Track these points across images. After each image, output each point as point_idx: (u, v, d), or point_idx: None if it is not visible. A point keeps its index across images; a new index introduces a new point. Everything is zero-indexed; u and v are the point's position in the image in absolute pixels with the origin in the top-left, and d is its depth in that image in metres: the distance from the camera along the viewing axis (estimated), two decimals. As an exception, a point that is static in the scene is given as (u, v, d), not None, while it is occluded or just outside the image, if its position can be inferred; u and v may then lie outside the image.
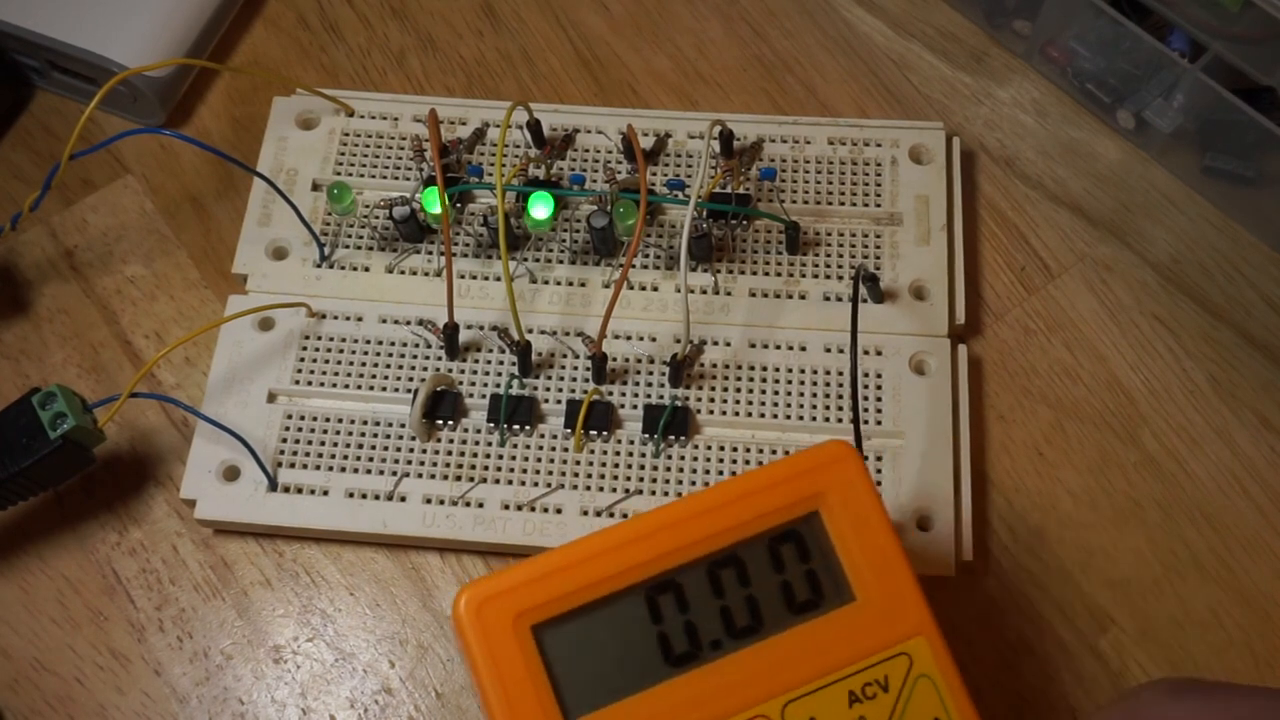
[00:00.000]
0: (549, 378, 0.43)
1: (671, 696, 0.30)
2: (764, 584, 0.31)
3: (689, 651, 0.31)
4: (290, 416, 0.42)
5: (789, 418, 0.42)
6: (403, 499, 0.41)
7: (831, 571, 0.31)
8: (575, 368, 0.43)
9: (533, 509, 0.41)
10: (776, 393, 0.42)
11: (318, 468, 0.42)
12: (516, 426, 0.42)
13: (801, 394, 0.42)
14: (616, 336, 0.43)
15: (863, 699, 0.30)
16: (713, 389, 0.42)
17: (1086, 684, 0.40)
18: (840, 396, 0.42)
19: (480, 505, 0.41)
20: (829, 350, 0.43)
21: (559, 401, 0.42)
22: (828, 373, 0.42)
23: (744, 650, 0.31)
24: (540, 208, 0.43)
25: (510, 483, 0.41)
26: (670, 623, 0.31)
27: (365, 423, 0.42)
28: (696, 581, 0.31)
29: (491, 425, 0.42)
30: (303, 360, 0.43)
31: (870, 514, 0.31)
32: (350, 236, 0.45)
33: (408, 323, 0.44)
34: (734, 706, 0.30)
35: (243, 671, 0.41)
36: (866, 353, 0.43)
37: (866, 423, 0.42)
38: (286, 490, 0.41)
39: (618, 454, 0.42)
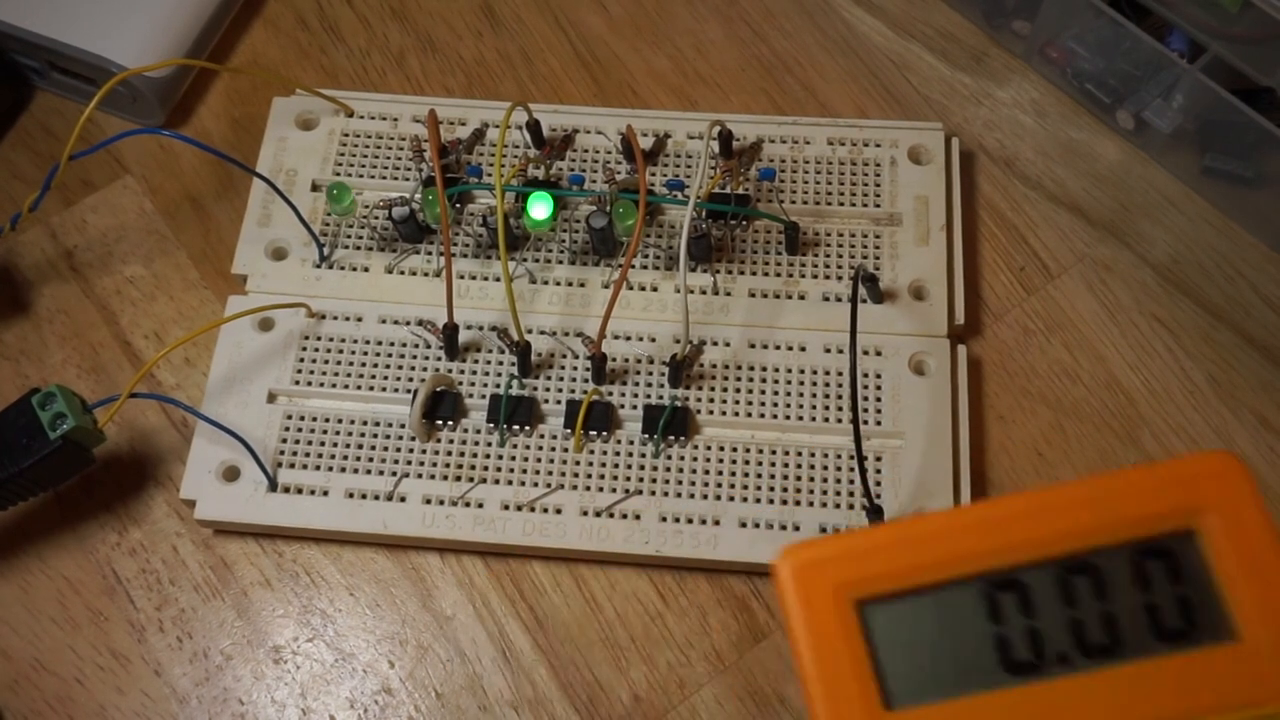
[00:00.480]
0: (549, 378, 0.43)
1: (1007, 707, 0.27)
2: (1124, 600, 0.27)
3: (1031, 661, 0.27)
4: (290, 417, 0.42)
5: (789, 418, 0.42)
6: (402, 499, 0.41)
7: (1208, 601, 0.27)
8: (575, 368, 0.43)
9: (532, 509, 0.41)
10: (776, 393, 0.42)
11: (318, 468, 0.42)
12: (516, 427, 0.42)
13: (801, 394, 0.42)
14: (616, 337, 0.43)
15: None
16: (712, 389, 0.42)
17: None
18: (840, 397, 0.42)
19: (480, 505, 0.41)
20: (828, 350, 0.43)
21: (559, 402, 0.42)
22: (827, 373, 0.43)
23: (1098, 672, 0.27)
24: (539, 207, 0.43)
25: (510, 483, 0.41)
26: (1011, 625, 0.27)
27: (365, 423, 0.42)
28: (1044, 584, 0.27)
29: (491, 426, 0.42)
30: (302, 360, 0.43)
31: (1263, 544, 0.27)
32: (350, 237, 0.45)
33: (407, 323, 0.44)
34: None
35: (242, 672, 0.41)
36: (866, 353, 0.43)
37: (866, 423, 0.42)
38: (286, 490, 0.41)
39: (617, 454, 0.42)
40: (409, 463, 0.42)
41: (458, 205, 0.45)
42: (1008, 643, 0.27)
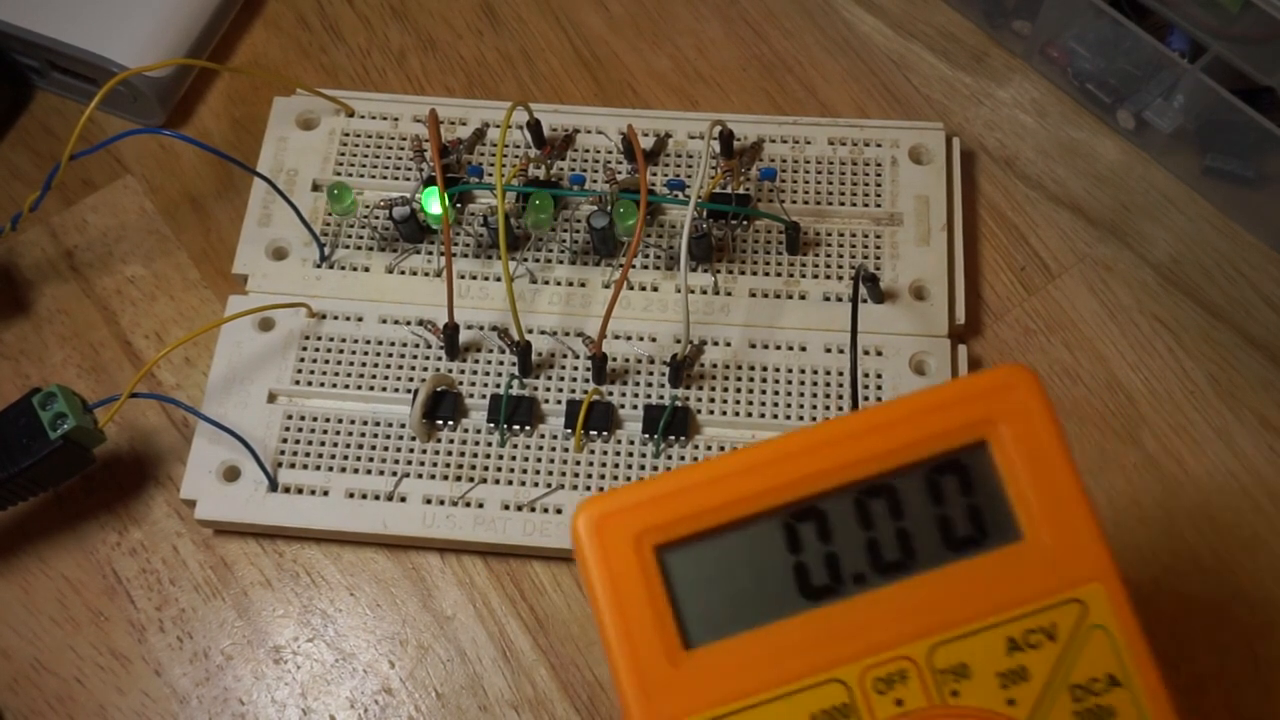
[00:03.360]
0: (549, 378, 0.43)
1: (805, 630, 0.27)
2: (919, 517, 0.28)
3: (828, 585, 0.28)
4: (290, 417, 0.42)
5: (789, 418, 0.42)
6: (403, 499, 0.41)
7: (997, 507, 0.28)
8: (575, 368, 0.43)
9: (533, 509, 0.41)
10: (776, 393, 0.42)
11: (318, 468, 0.42)
12: (516, 427, 0.42)
13: (801, 394, 0.42)
14: (616, 337, 0.43)
15: (1024, 647, 0.27)
16: (713, 389, 0.42)
17: (1086, 684, 0.40)
18: (840, 396, 0.42)
19: (480, 505, 0.41)
20: (829, 350, 0.43)
21: (559, 402, 0.42)
22: (828, 373, 0.43)
23: (891, 586, 0.27)
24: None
25: (510, 483, 0.41)
26: (809, 553, 0.28)
27: (365, 423, 0.42)
28: (842, 510, 0.28)
29: (491, 425, 0.42)
30: (303, 360, 0.43)
31: (1049, 446, 0.28)
32: (350, 237, 0.45)
33: (408, 323, 0.44)
34: (875, 645, 0.27)
35: (243, 672, 0.41)
36: (867, 353, 0.43)
37: (866, 423, 0.42)
38: (287, 490, 0.41)
39: (618, 454, 0.42)
40: (409, 463, 0.42)
41: (458, 205, 0.45)
42: (805, 569, 0.27)
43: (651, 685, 0.27)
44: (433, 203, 0.44)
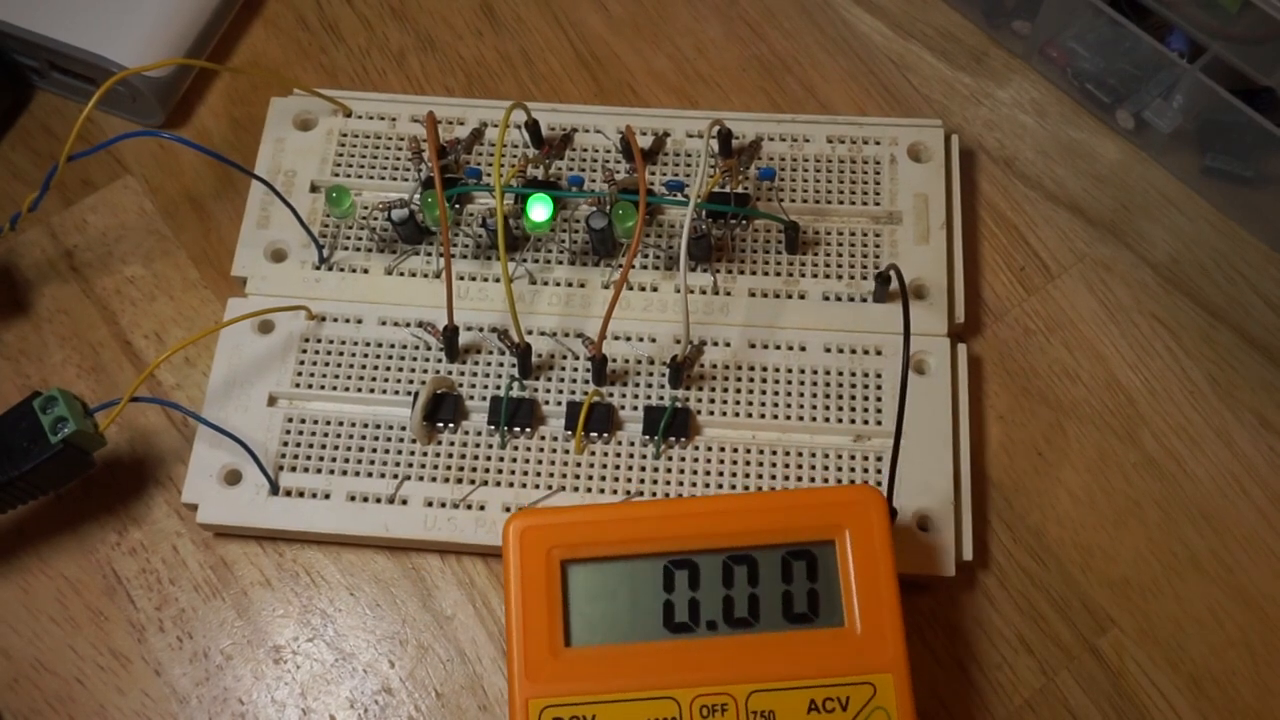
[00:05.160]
0: (549, 379, 0.43)
1: (659, 655, 0.35)
2: (769, 588, 0.35)
3: (687, 623, 0.35)
4: (291, 420, 0.42)
5: (789, 418, 0.42)
6: (404, 502, 0.41)
7: (831, 595, 0.35)
8: (575, 369, 0.43)
9: (533, 510, 0.41)
10: (776, 393, 0.42)
11: (319, 471, 0.42)
12: (517, 429, 0.42)
13: (801, 394, 0.42)
14: (616, 338, 0.43)
15: (820, 710, 0.34)
16: (713, 390, 0.42)
17: (1086, 684, 0.40)
18: (840, 397, 0.42)
19: (481, 508, 0.41)
20: (829, 350, 0.43)
21: (559, 403, 0.42)
22: (827, 373, 0.43)
23: (734, 637, 0.35)
24: (539, 209, 0.43)
25: (511, 485, 0.41)
26: (679, 595, 0.35)
27: (366, 426, 0.42)
28: (711, 568, 0.35)
29: (492, 428, 0.42)
30: (302, 363, 0.43)
31: (880, 557, 0.35)
32: (349, 238, 0.45)
33: (407, 325, 0.44)
34: (709, 679, 0.34)
35: (243, 672, 0.41)
36: (867, 352, 0.43)
37: (866, 423, 0.42)
38: (288, 494, 0.41)
39: (618, 456, 0.42)
40: (410, 465, 0.42)
41: (457, 206, 0.45)
42: (672, 607, 0.35)
43: (534, 668, 0.34)
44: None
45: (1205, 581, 0.41)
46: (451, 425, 0.42)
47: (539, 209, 0.43)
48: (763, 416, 0.42)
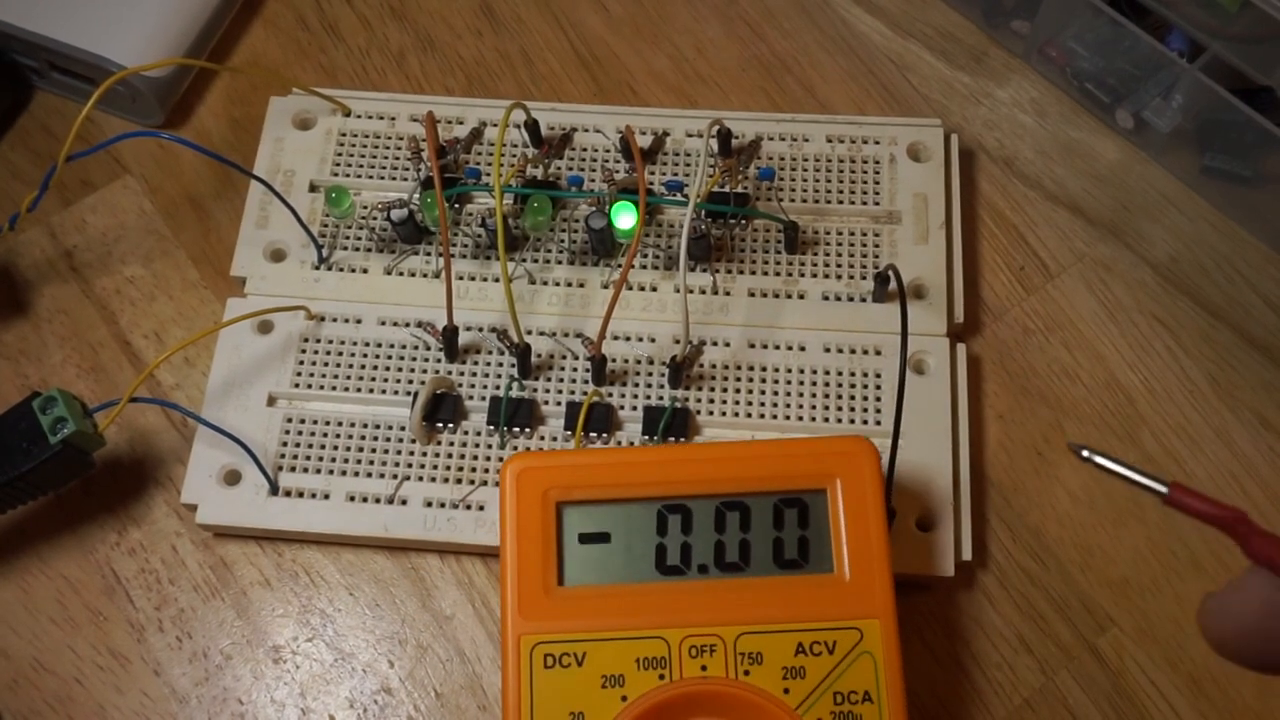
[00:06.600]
0: (549, 379, 0.43)
1: (650, 595, 0.35)
2: (760, 534, 0.36)
3: (678, 566, 0.36)
4: (290, 420, 0.42)
5: (788, 418, 0.42)
6: (403, 502, 0.41)
7: (821, 542, 0.36)
8: (575, 369, 0.43)
9: (532, 510, 0.41)
10: (776, 393, 0.42)
11: (318, 471, 0.42)
12: (517, 429, 0.42)
13: (801, 394, 0.42)
14: (616, 338, 0.43)
15: (808, 653, 0.34)
16: (712, 390, 0.42)
17: (1085, 684, 0.40)
18: (839, 396, 0.42)
19: (481, 508, 0.41)
20: (828, 350, 0.43)
21: (559, 403, 0.42)
22: (827, 372, 0.43)
23: (724, 580, 0.35)
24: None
25: (510, 484, 0.41)
26: (671, 538, 0.36)
27: (365, 426, 0.42)
28: (705, 513, 0.36)
29: (492, 428, 0.42)
30: (302, 363, 0.43)
31: (870, 506, 0.35)
32: (348, 238, 0.45)
33: (407, 325, 0.44)
34: (698, 620, 0.35)
35: (242, 671, 0.41)
36: (866, 352, 0.43)
37: (865, 423, 0.42)
38: (288, 494, 0.41)
39: (617, 455, 0.42)
40: (409, 465, 0.42)
41: (456, 206, 0.45)
42: (665, 550, 0.36)
43: (527, 605, 0.35)
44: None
45: (1205, 581, 0.41)
46: (451, 425, 0.42)
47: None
48: (762, 416, 0.42)
